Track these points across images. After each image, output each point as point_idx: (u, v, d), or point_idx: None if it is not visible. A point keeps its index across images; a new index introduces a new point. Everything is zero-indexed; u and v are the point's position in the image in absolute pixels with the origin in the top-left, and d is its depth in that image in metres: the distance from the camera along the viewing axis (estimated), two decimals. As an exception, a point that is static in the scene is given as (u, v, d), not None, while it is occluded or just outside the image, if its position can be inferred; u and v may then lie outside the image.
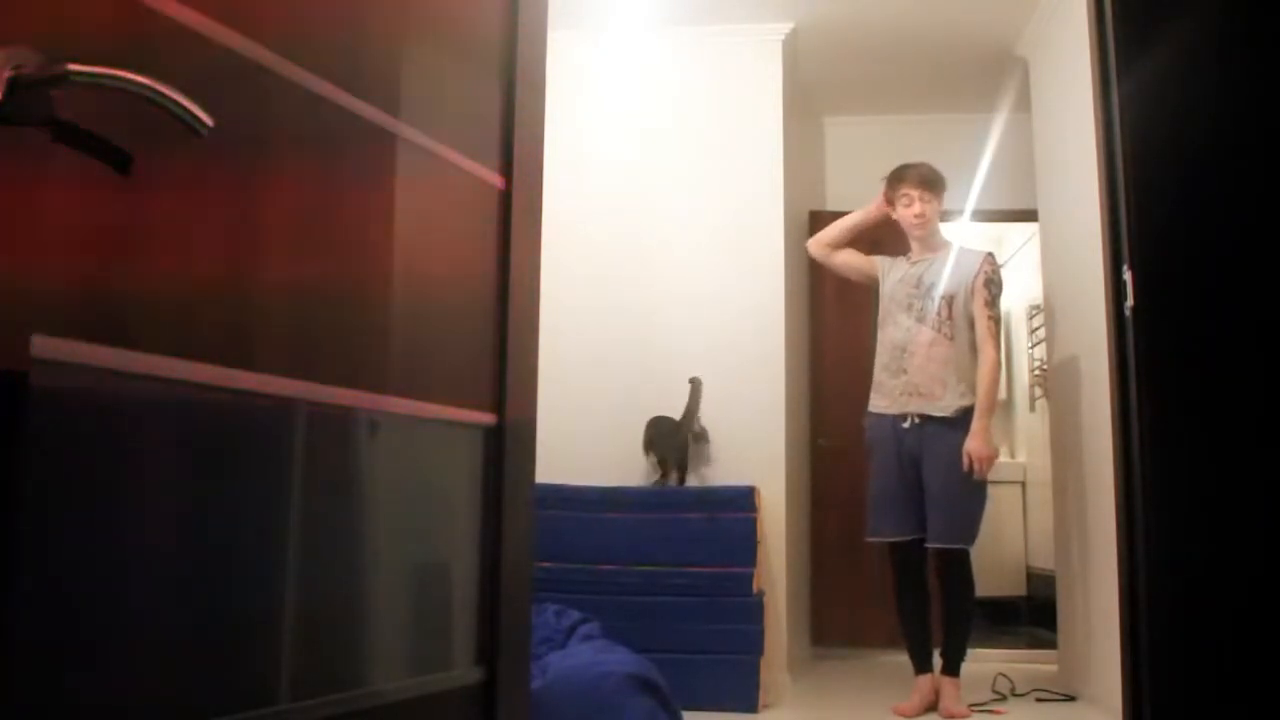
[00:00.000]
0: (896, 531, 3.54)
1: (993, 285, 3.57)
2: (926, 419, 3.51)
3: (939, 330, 3.54)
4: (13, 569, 0.73)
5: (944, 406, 3.49)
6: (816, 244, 3.88)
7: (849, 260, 3.85)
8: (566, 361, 3.75)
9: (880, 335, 3.70)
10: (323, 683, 1.06)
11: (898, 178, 3.69)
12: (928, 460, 3.49)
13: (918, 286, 3.61)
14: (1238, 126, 1.92)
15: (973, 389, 3.50)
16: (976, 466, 3.39)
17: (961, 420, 3.46)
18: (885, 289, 3.71)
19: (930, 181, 3.65)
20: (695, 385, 3.80)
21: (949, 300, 3.56)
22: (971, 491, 3.43)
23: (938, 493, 3.46)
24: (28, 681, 0.75)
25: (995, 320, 3.55)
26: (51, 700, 0.78)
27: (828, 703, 3.75)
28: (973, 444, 3.40)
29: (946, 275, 3.59)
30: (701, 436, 3.85)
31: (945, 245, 3.70)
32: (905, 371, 3.57)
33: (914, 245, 3.72)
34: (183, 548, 0.92)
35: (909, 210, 3.66)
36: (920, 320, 3.58)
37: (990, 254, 3.68)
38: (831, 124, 5.33)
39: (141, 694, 0.87)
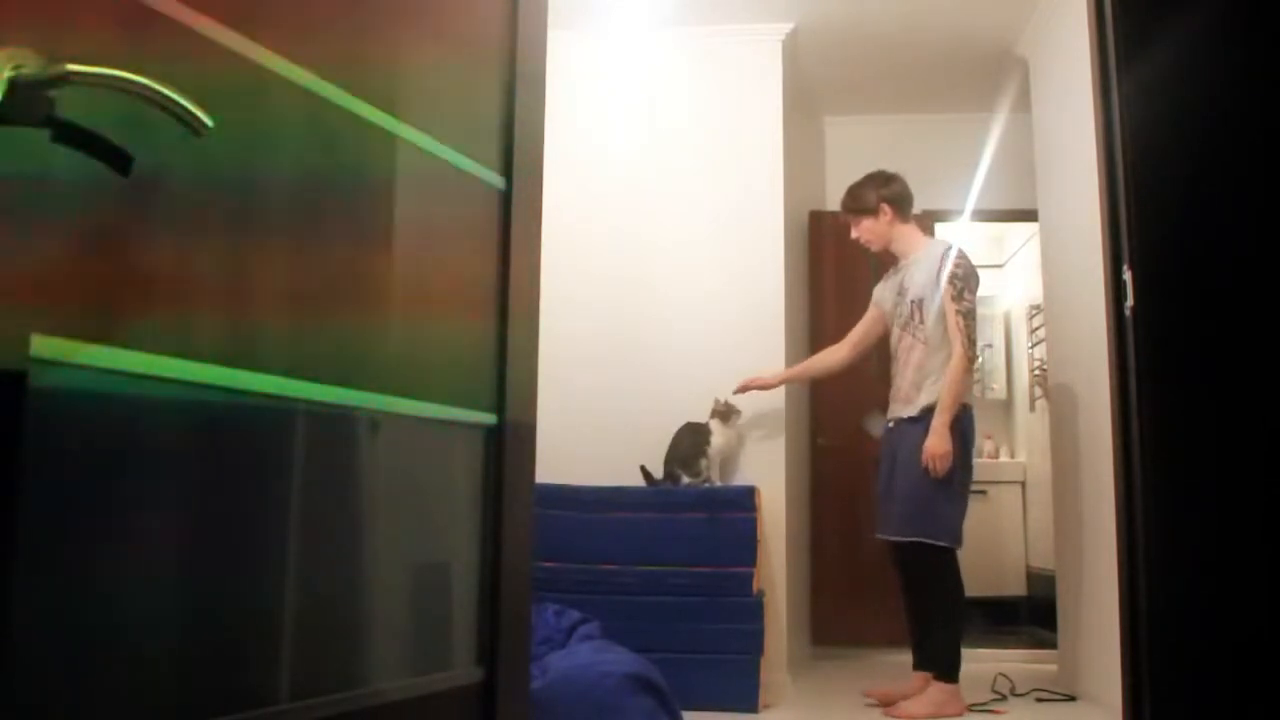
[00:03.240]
0: (880, 529, 3.58)
1: (957, 279, 3.47)
2: (900, 420, 3.55)
3: (914, 335, 3.54)
4: (13, 569, 0.73)
5: (914, 407, 3.49)
6: (842, 364, 3.88)
7: (862, 334, 3.82)
8: (566, 361, 3.74)
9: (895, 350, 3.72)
10: (323, 683, 1.06)
11: None
12: (897, 457, 3.52)
13: (901, 294, 3.62)
14: (1238, 126, 1.92)
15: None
16: (931, 465, 3.35)
17: (924, 417, 3.44)
18: (885, 307, 3.73)
19: (851, 210, 3.67)
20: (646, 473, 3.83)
21: (919, 303, 3.53)
22: (928, 485, 3.38)
23: (893, 486, 3.50)
24: (28, 681, 0.75)
25: (963, 314, 3.44)
26: (52, 700, 0.78)
27: (828, 703, 3.75)
28: (929, 441, 3.37)
29: (914, 278, 3.57)
30: (730, 411, 3.82)
31: (921, 246, 3.65)
32: (893, 379, 3.62)
33: (894, 255, 3.72)
34: (183, 547, 0.92)
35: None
36: (903, 327, 3.59)
37: (952, 247, 3.57)
38: (831, 124, 5.33)
39: (142, 694, 0.87)
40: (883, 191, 3.62)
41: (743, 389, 3.79)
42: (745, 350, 3.98)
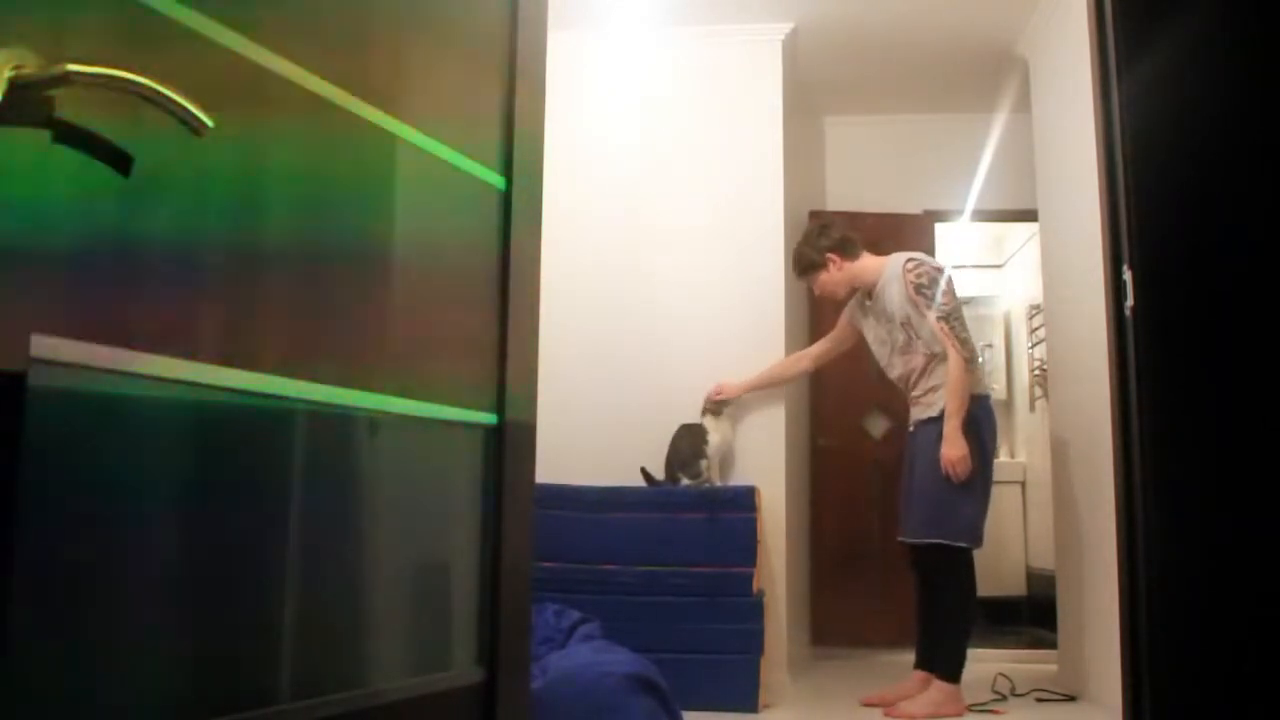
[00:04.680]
0: (902, 531, 3.58)
1: (923, 288, 3.50)
2: (919, 423, 3.58)
3: (919, 351, 3.55)
4: (12, 569, 0.73)
5: (935, 408, 3.52)
6: (802, 373, 4.10)
7: (826, 349, 3.94)
8: (566, 361, 3.75)
9: (891, 376, 3.73)
10: (323, 683, 1.06)
11: None
12: (916, 459, 3.55)
13: (889, 321, 3.63)
14: (1238, 126, 1.92)
15: None
16: (951, 472, 3.38)
17: (943, 417, 3.46)
18: (869, 336, 3.75)
19: (802, 272, 3.78)
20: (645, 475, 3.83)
21: (906, 323, 3.57)
22: (946, 486, 3.40)
23: (910, 488, 3.53)
24: (28, 682, 0.75)
25: (944, 317, 3.46)
26: (52, 700, 0.78)
27: (828, 703, 3.75)
28: (943, 449, 3.40)
29: (891, 301, 3.59)
30: (721, 405, 3.85)
31: (881, 270, 3.67)
32: (909, 393, 3.64)
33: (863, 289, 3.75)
34: (183, 548, 0.92)
35: None
36: (905, 350, 3.60)
37: (908, 259, 3.59)
38: (831, 124, 5.32)
39: (142, 694, 0.87)
40: (823, 243, 3.70)
41: (713, 395, 3.84)
42: (745, 349, 3.98)
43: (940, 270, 3.56)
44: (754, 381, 3.89)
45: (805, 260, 3.73)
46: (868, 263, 3.69)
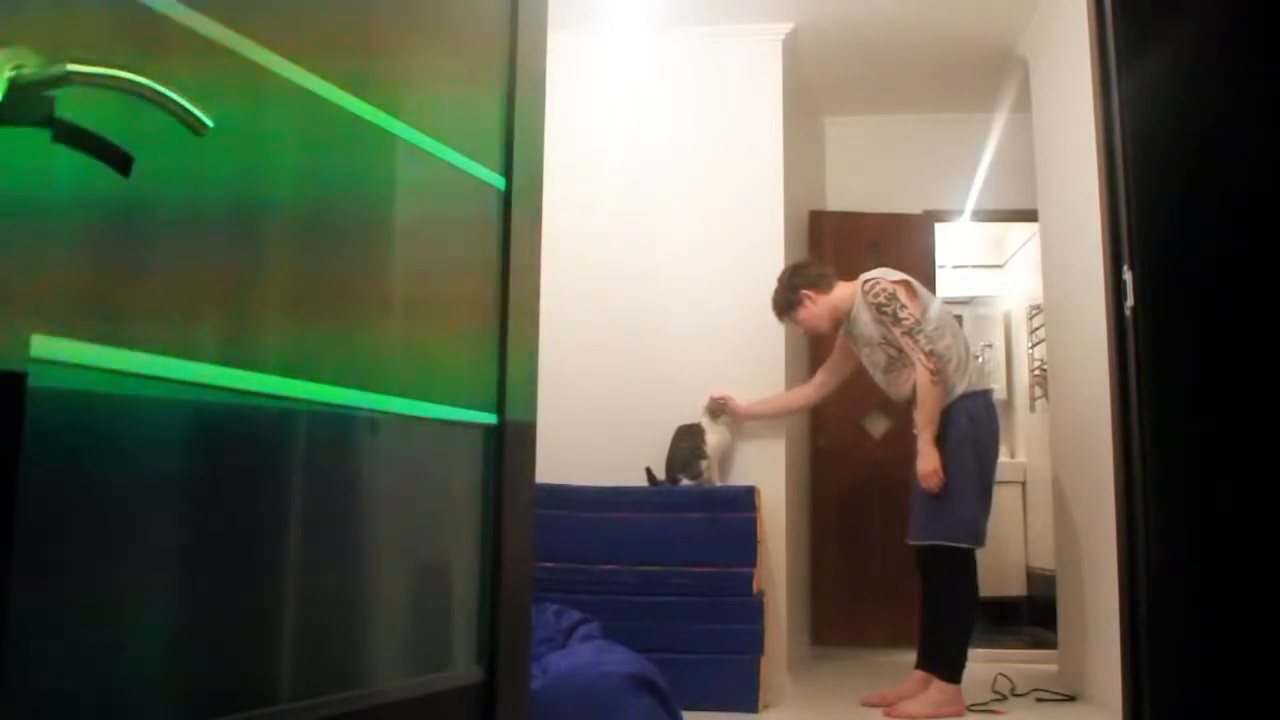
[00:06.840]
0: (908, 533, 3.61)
1: (884, 306, 3.52)
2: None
3: (907, 364, 3.56)
4: (12, 569, 0.73)
5: None
6: (809, 403, 4.08)
7: (826, 377, 3.94)
8: (567, 361, 3.75)
9: (889, 395, 3.75)
10: (323, 683, 1.06)
11: None
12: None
13: (867, 344, 3.65)
14: (1238, 126, 1.92)
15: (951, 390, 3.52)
16: (925, 485, 3.41)
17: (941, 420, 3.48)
18: (863, 361, 3.76)
19: (784, 314, 3.77)
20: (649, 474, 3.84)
21: (884, 344, 3.59)
22: (938, 490, 3.43)
23: (914, 490, 3.55)
24: (28, 682, 0.75)
25: (908, 332, 3.48)
26: (52, 700, 0.78)
27: (828, 703, 3.75)
28: (917, 463, 3.44)
29: (865, 326, 3.61)
30: (719, 408, 3.87)
31: (852, 297, 3.68)
32: (912, 405, 3.64)
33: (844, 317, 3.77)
34: (183, 548, 0.92)
35: None
36: (890, 369, 3.62)
37: (864, 281, 3.61)
38: (831, 124, 5.33)
39: (142, 694, 0.87)
40: (796, 282, 3.72)
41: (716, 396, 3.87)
42: (745, 350, 3.99)
43: (898, 283, 3.57)
44: (760, 410, 3.90)
45: (781, 301, 3.75)
46: (842, 291, 3.71)
